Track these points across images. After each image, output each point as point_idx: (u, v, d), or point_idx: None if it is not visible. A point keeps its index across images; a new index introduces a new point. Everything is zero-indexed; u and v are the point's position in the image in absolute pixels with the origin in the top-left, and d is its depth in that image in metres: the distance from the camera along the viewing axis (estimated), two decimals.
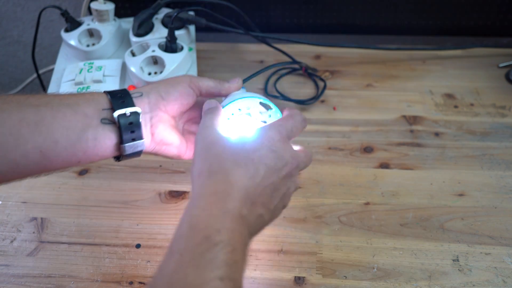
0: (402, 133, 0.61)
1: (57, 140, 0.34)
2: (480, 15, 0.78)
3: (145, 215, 0.51)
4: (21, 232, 0.50)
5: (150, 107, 0.39)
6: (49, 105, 0.34)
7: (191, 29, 0.64)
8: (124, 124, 0.36)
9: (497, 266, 0.45)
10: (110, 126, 0.36)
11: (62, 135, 0.34)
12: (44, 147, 0.33)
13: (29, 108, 0.34)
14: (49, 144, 0.33)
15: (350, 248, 0.47)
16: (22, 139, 0.32)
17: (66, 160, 0.35)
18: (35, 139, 0.33)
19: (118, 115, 0.36)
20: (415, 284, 0.44)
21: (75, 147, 0.35)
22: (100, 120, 0.36)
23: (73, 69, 0.58)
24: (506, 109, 0.63)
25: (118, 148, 0.37)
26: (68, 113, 0.35)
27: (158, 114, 0.39)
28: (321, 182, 0.54)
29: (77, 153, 0.35)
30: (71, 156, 0.35)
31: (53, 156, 0.34)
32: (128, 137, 0.37)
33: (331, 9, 0.79)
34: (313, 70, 0.70)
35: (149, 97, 0.39)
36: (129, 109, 0.36)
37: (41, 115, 0.34)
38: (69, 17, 0.61)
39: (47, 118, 0.34)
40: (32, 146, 0.33)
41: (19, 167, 0.33)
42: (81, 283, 0.45)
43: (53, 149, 0.34)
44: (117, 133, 0.36)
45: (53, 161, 0.34)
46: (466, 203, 0.51)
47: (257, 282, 0.45)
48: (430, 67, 0.72)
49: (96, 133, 0.35)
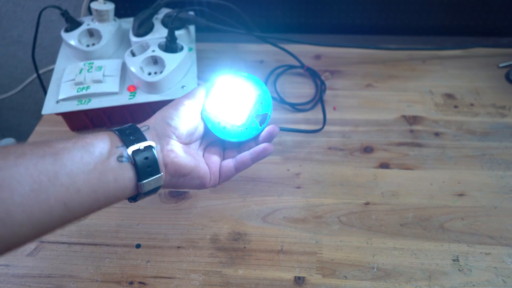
0: (402, 133, 0.61)
1: (79, 189, 0.31)
2: (480, 15, 0.78)
3: (145, 215, 0.51)
4: None
5: (158, 137, 0.37)
6: (66, 150, 0.31)
7: (191, 29, 0.64)
8: (140, 160, 0.34)
9: (497, 266, 0.45)
10: (127, 164, 0.34)
11: (83, 181, 0.31)
12: (67, 199, 0.30)
13: (46, 158, 0.30)
14: (72, 194, 0.30)
15: (350, 248, 0.47)
16: (45, 194, 0.29)
17: (89, 208, 0.32)
18: (58, 192, 0.30)
19: (132, 151, 0.34)
20: (415, 284, 0.44)
21: (97, 193, 0.32)
22: (117, 159, 0.33)
23: (73, 69, 0.58)
24: (506, 109, 0.63)
25: (136, 187, 0.35)
26: (84, 156, 0.32)
27: (168, 142, 0.37)
28: (321, 182, 0.54)
29: (99, 198, 0.32)
30: (94, 202, 0.32)
31: (77, 206, 0.31)
32: (145, 173, 0.34)
33: (331, 9, 0.79)
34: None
35: (155, 129, 0.37)
36: (142, 144, 0.35)
37: (59, 164, 0.30)
38: (69, 17, 0.61)
39: (67, 166, 0.31)
40: (55, 200, 0.29)
41: (44, 226, 0.29)
42: (81, 283, 0.45)
43: (76, 199, 0.31)
44: (135, 171, 0.34)
45: (76, 212, 0.31)
46: (466, 203, 0.51)
47: (257, 282, 0.45)
48: (430, 67, 0.72)
49: (115, 174, 0.33)
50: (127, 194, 0.35)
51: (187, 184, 0.39)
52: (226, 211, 0.51)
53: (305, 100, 0.66)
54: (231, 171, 0.42)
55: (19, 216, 0.28)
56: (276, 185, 0.54)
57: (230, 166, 0.42)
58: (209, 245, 0.48)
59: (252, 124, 0.44)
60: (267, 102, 0.44)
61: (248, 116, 0.44)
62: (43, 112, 0.55)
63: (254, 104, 0.44)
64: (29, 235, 0.29)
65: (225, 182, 0.42)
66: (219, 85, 0.42)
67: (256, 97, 0.44)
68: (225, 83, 0.43)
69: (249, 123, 0.44)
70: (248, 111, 0.44)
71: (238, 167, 0.42)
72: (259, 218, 0.51)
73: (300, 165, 0.57)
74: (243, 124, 0.44)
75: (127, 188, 0.34)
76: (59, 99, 0.56)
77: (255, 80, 0.44)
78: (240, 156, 0.42)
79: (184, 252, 0.48)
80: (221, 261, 0.47)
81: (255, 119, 0.44)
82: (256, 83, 0.44)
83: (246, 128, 0.44)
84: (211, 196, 0.53)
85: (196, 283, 0.45)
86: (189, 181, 0.39)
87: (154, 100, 0.55)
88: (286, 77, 0.72)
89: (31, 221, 0.28)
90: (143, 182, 0.34)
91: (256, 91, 0.44)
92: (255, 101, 0.44)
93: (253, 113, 0.44)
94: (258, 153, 0.41)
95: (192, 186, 0.40)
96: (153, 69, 0.57)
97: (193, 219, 0.51)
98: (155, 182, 0.35)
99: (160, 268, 0.46)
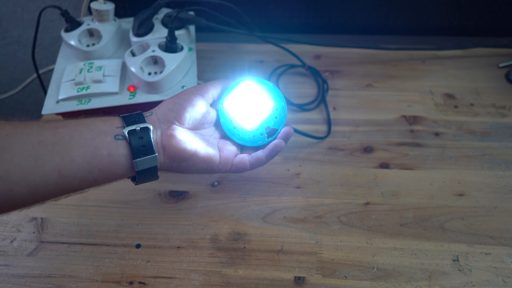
0: (402, 133, 0.61)
1: (73, 159, 0.34)
2: (480, 15, 0.78)
3: (145, 215, 0.51)
4: (21, 232, 0.50)
5: (159, 122, 0.40)
6: (67, 126, 0.36)
7: (191, 29, 0.64)
8: (135, 139, 0.37)
9: (497, 266, 0.45)
10: (123, 142, 0.37)
11: (78, 153, 0.34)
12: (61, 167, 0.34)
13: (48, 130, 0.34)
14: (66, 163, 0.34)
15: (350, 248, 0.47)
16: (41, 160, 0.33)
17: (83, 179, 0.35)
18: (53, 159, 0.33)
19: (128, 131, 0.37)
20: (415, 284, 0.44)
21: (91, 165, 0.35)
22: (114, 137, 0.37)
23: (73, 69, 0.58)
24: (506, 109, 0.63)
25: (131, 166, 0.37)
26: (84, 131, 0.36)
27: (169, 127, 0.39)
28: (321, 182, 0.54)
29: (93, 170, 0.35)
30: (88, 174, 0.35)
31: (70, 175, 0.34)
32: (139, 152, 0.37)
33: (331, 9, 0.79)
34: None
35: (157, 114, 0.40)
36: (139, 125, 0.38)
37: (59, 136, 0.34)
38: (69, 17, 0.61)
39: (65, 138, 0.34)
40: (50, 167, 0.33)
41: (39, 189, 0.33)
42: (81, 283, 0.45)
43: (70, 168, 0.34)
44: (129, 150, 0.37)
45: (70, 181, 0.35)
46: (466, 203, 0.51)
47: (257, 282, 0.45)
48: (430, 67, 0.72)
49: (110, 149, 0.36)
50: (121, 170, 0.37)
51: (192, 168, 0.41)
52: (226, 211, 0.51)
53: (307, 99, 0.66)
54: (245, 165, 0.43)
55: (16, 176, 0.32)
56: (276, 185, 0.54)
57: (245, 161, 0.43)
58: (209, 245, 0.48)
59: (260, 133, 0.45)
60: (281, 119, 0.45)
61: (259, 126, 0.45)
62: (43, 112, 0.55)
63: (268, 116, 0.45)
64: (26, 195, 0.33)
65: (225, 182, 0.42)
66: (244, 86, 0.44)
67: (272, 110, 0.45)
68: (249, 86, 0.44)
69: (258, 132, 0.45)
70: (261, 120, 0.45)
71: (253, 163, 0.43)
72: (259, 218, 0.51)
73: (300, 165, 0.57)
74: (252, 131, 0.45)
75: (121, 163, 0.37)
76: (59, 99, 0.56)
77: (277, 94, 0.45)
78: (256, 153, 0.44)
79: (184, 252, 0.48)
80: (221, 261, 0.47)
81: (264, 131, 0.45)
82: (277, 96, 0.45)
83: (254, 136, 0.45)
84: (211, 196, 0.53)
85: (196, 283, 0.45)
86: (193, 165, 0.40)
87: (154, 100, 0.55)
88: (287, 76, 0.72)
89: (27, 182, 0.32)
90: (137, 160, 0.37)
91: (275, 104, 0.45)
92: (271, 113, 0.45)
93: (265, 124, 0.45)
94: (271, 149, 0.43)
95: (199, 170, 0.41)
96: (153, 69, 0.57)
97: (193, 219, 0.51)
98: (149, 161, 0.37)
99: (160, 268, 0.46)
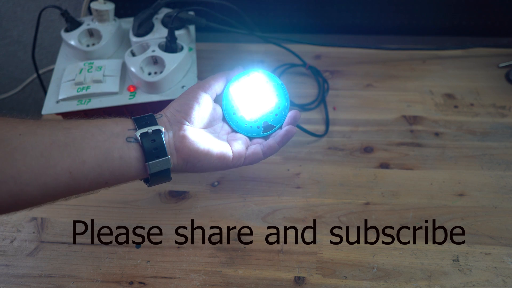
0: (402, 133, 0.61)
1: (84, 160, 0.34)
2: (480, 15, 0.77)
3: (145, 215, 0.51)
4: (21, 232, 0.50)
5: (170, 124, 0.40)
6: (79, 127, 0.35)
7: (191, 29, 0.64)
8: (147, 142, 0.37)
9: (497, 266, 0.45)
10: (135, 145, 0.37)
11: (89, 155, 0.34)
12: (72, 168, 0.33)
13: (61, 130, 0.34)
14: (77, 164, 0.34)
15: (350, 248, 0.47)
16: (53, 161, 0.33)
17: (94, 181, 0.35)
18: (65, 161, 0.33)
19: (140, 134, 0.37)
20: (415, 284, 0.44)
21: (102, 167, 0.35)
22: (126, 139, 0.36)
23: (73, 69, 0.58)
24: (506, 109, 0.63)
25: (143, 168, 0.37)
26: (96, 133, 0.35)
27: (181, 128, 0.39)
28: (321, 182, 0.54)
29: (104, 172, 0.35)
30: (99, 176, 0.35)
31: (81, 177, 0.34)
32: (151, 155, 0.37)
33: (331, 9, 0.79)
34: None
35: (167, 116, 0.40)
36: (151, 127, 0.37)
37: (71, 137, 0.34)
38: (69, 17, 0.61)
39: (77, 139, 0.34)
40: (61, 168, 0.33)
41: (50, 190, 0.33)
42: (81, 283, 0.45)
43: (81, 170, 0.34)
44: (141, 152, 0.37)
45: (81, 182, 0.34)
46: (466, 203, 0.51)
47: (257, 282, 0.45)
48: (430, 67, 0.72)
49: (121, 152, 0.36)
50: (133, 173, 0.37)
51: (206, 167, 0.41)
52: (226, 211, 0.51)
53: (307, 99, 0.66)
54: (258, 155, 0.43)
55: (27, 176, 0.32)
56: (276, 185, 0.54)
57: (258, 151, 0.43)
58: (209, 245, 0.48)
59: (257, 126, 0.45)
60: (281, 117, 0.45)
61: (258, 118, 0.46)
62: (43, 112, 0.55)
63: (269, 111, 0.45)
64: (37, 195, 0.33)
65: (225, 182, 0.42)
66: (253, 77, 0.45)
67: (274, 106, 0.45)
68: (258, 78, 0.45)
69: (255, 124, 0.45)
70: (261, 114, 0.45)
71: (266, 152, 0.43)
72: (259, 218, 0.51)
73: (300, 165, 0.57)
74: (250, 122, 0.45)
75: (132, 166, 0.36)
76: (59, 99, 0.56)
77: (283, 92, 0.45)
78: (267, 142, 0.44)
79: (184, 252, 0.48)
80: (221, 261, 0.47)
81: (262, 124, 0.45)
82: (282, 95, 0.45)
83: (250, 127, 0.45)
84: (211, 196, 0.53)
85: (196, 283, 0.45)
86: (207, 164, 0.40)
87: (154, 100, 0.55)
88: (287, 76, 0.72)
89: (38, 183, 0.32)
90: (149, 163, 0.37)
91: (278, 101, 0.45)
92: (272, 110, 0.45)
93: (264, 118, 0.45)
94: (282, 136, 0.43)
95: (214, 168, 0.41)
96: (153, 69, 0.57)
97: (193, 219, 0.51)
98: (162, 164, 0.37)
99: (160, 268, 0.46)
